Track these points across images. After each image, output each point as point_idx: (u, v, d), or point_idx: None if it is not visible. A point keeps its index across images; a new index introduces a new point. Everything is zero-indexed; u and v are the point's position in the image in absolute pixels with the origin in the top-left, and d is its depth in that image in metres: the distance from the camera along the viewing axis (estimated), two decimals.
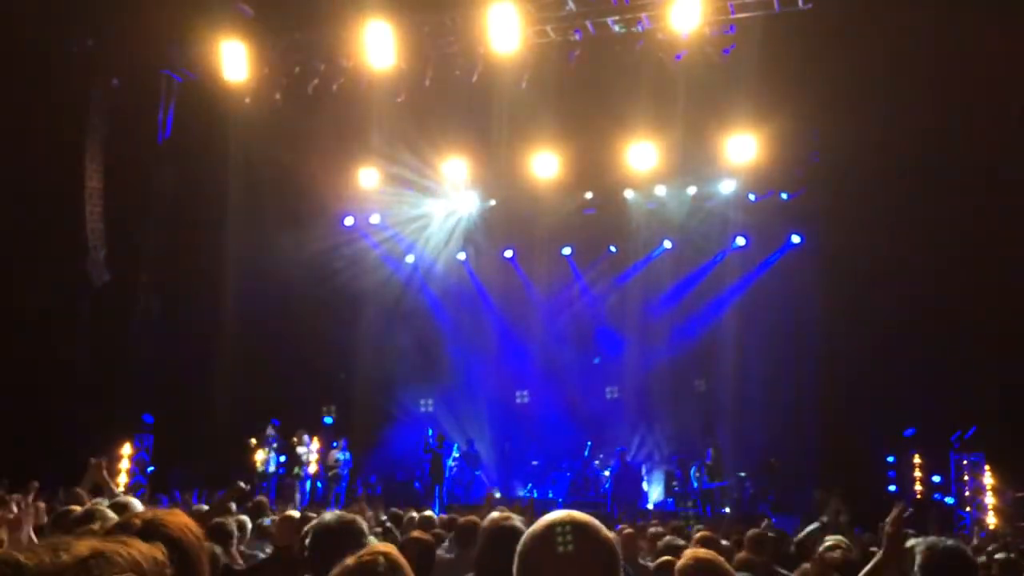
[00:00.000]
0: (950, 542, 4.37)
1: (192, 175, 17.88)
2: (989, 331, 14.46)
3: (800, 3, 14.22)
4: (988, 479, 14.74)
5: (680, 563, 3.88)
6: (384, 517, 8.65)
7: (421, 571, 2.73)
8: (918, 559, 4.21)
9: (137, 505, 4.93)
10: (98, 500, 8.25)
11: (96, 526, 3.41)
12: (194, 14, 15.95)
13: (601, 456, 18.07)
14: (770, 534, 6.63)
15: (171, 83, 18.02)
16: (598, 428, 18.93)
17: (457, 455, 18.12)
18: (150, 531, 2.04)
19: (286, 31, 16.53)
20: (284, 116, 17.07)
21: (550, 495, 17.69)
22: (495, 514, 3.51)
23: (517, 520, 2.95)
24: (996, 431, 14.32)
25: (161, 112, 17.97)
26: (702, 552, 3.92)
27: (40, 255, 15.55)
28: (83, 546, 1.10)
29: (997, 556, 5.38)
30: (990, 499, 14.64)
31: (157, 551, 1.22)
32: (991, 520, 14.49)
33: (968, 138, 14.04)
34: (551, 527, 1.71)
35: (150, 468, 16.86)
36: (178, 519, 2.17)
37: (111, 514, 4.25)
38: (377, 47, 15.37)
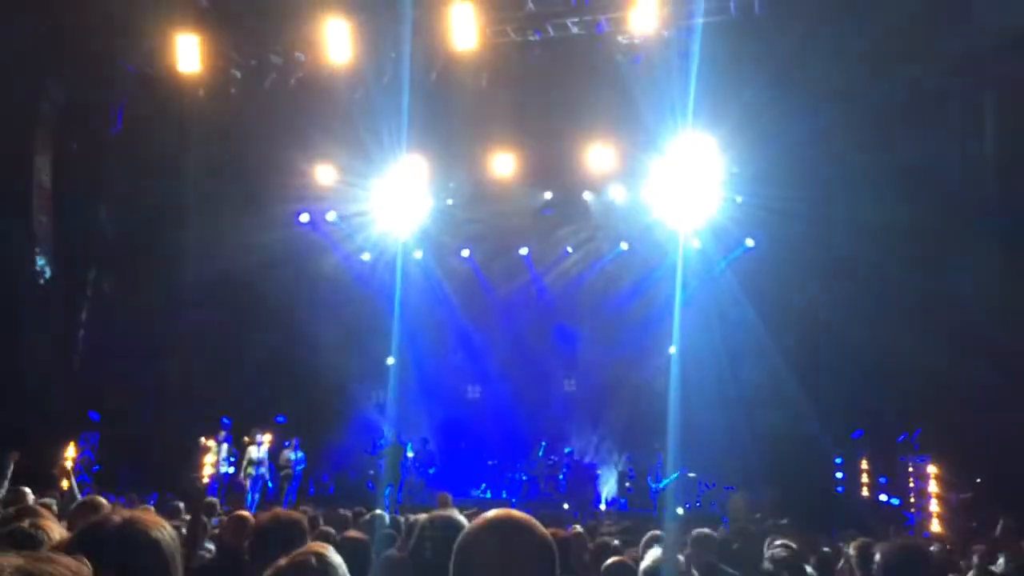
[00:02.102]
0: (909, 541, 4.46)
1: (145, 169, 17.55)
2: (936, 334, 14.76)
3: (756, 8, 14.41)
4: (933, 481, 15.04)
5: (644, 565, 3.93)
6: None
7: (357, 571, 2.70)
8: (877, 558, 4.29)
9: (105, 505, 4.81)
10: (46, 500, 8.08)
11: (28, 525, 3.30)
12: (148, 4, 15.66)
13: (555, 457, 18.13)
14: (714, 535, 6.69)
15: (124, 75, 17.66)
16: (553, 428, 19.02)
17: (411, 455, 18.04)
18: (128, 531, 2.01)
19: (242, 24, 16.31)
20: (240, 110, 16.83)
21: (504, 495, 17.70)
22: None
23: (456, 513, 2.94)
24: (942, 434, 14.62)
25: (113, 104, 17.60)
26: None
27: None
28: (5, 563, 1.05)
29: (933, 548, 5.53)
30: (934, 501, 14.94)
31: (84, 567, 1.17)
32: (935, 521, 14.79)
33: (917, 141, 14.32)
34: (488, 525, 1.70)
35: (96, 467, 16.52)
36: (154, 519, 2.13)
37: (48, 514, 4.16)
38: (335, 43, 15.24)
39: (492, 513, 1.75)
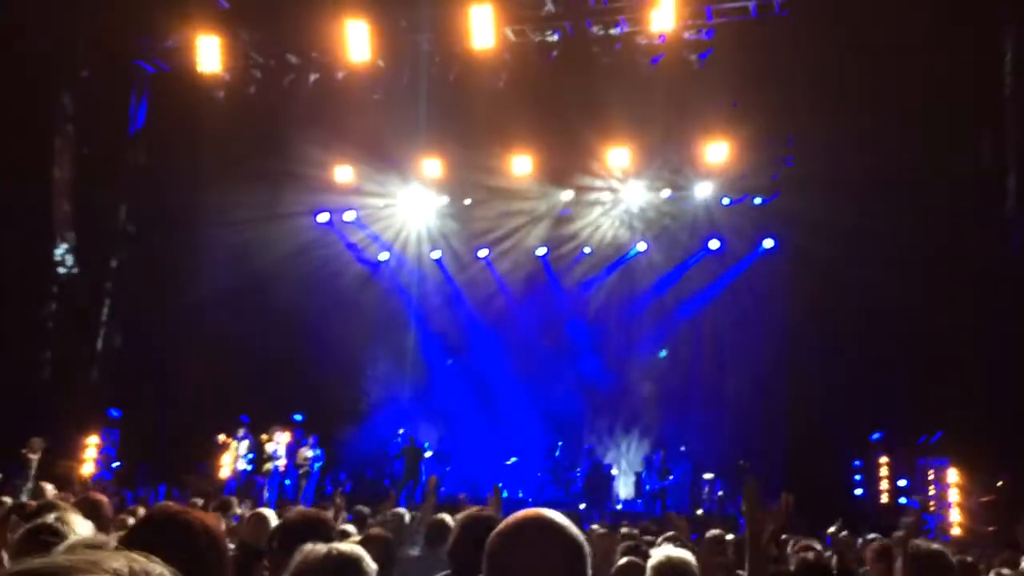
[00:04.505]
0: (934, 546, 4.42)
1: (164, 167, 17.67)
2: (957, 336, 14.64)
3: (777, 9, 14.34)
4: (953, 484, 14.89)
5: (652, 563, 3.89)
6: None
7: (380, 569, 2.71)
8: (898, 561, 4.26)
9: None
10: (65, 494, 8.15)
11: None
12: (168, 4, 15.77)
13: (572, 456, 18.11)
14: (729, 536, 6.67)
15: (143, 74, 17.78)
16: (569, 427, 18.99)
17: (428, 454, 18.08)
18: (190, 522, 2.04)
19: (262, 25, 16.39)
20: (258, 110, 16.90)
21: (520, 494, 17.69)
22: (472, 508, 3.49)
23: (492, 511, 2.94)
24: (961, 436, 14.48)
25: (133, 103, 17.72)
26: (675, 554, 3.93)
27: (6, 244, 15.28)
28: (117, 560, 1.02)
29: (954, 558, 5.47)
30: (955, 504, 14.79)
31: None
32: (955, 525, 14.64)
33: (941, 144, 14.20)
34: (519, 525, 1.70)
35: (116, 463, 16.63)
36: (204, 513, 2.17)
37: (72, 508, 4.20)
38: (354, 43, 15.29)
39: (524, 513, 1.75)
